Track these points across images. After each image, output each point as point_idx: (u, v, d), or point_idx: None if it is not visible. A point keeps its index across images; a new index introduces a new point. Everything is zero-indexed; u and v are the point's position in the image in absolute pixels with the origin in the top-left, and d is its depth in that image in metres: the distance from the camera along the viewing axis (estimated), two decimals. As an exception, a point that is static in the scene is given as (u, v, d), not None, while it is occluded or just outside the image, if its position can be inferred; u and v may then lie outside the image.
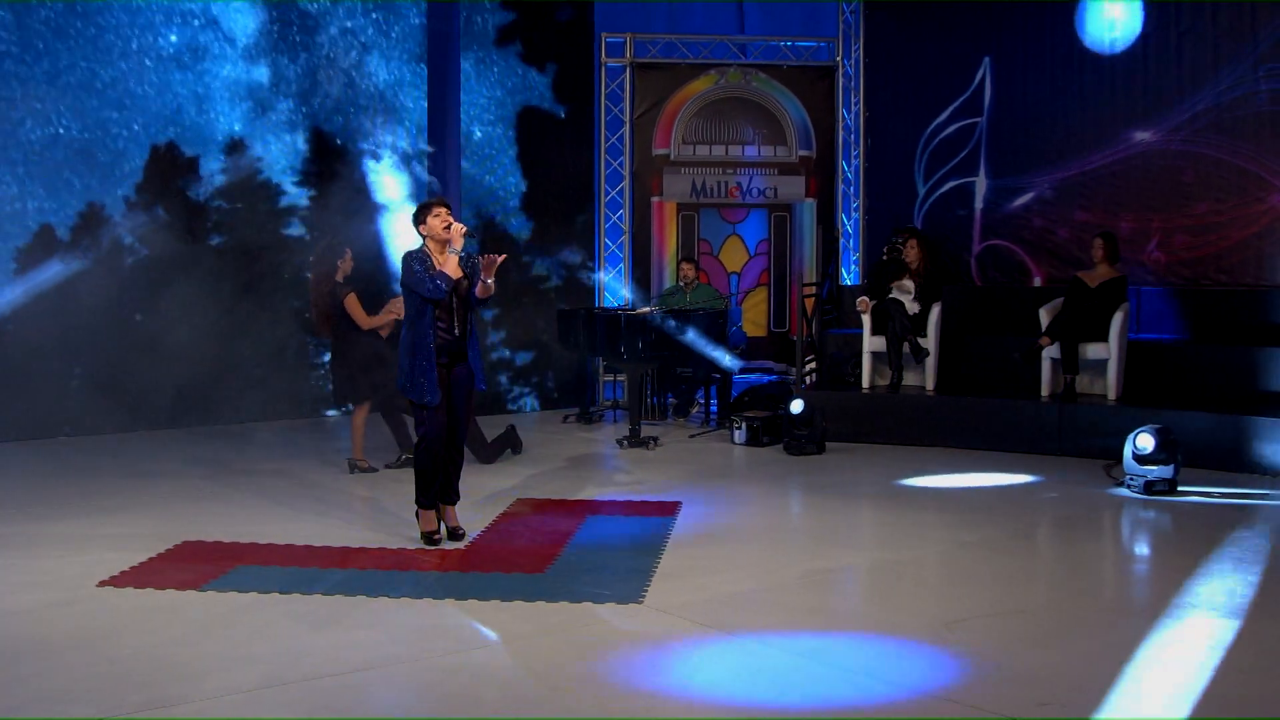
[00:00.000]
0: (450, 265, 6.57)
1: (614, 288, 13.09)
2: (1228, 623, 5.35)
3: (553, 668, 4.78)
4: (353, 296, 8.78)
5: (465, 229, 6.63)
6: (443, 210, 6.71)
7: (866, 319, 10.90)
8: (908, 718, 4.28)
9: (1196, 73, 10.72)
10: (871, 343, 10.91)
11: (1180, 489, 8.10)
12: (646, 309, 11.07)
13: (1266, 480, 8.49)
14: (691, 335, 10.31)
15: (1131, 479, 8.16)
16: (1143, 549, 7.20)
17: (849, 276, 13.12)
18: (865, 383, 10.95)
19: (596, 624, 5.34)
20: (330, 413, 11.85)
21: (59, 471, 9.12)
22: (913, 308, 10.74)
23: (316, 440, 10.55)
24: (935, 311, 10.76)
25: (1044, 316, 10.29)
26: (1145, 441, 8.05)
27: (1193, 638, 5.15)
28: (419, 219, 6.72)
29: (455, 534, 6.85)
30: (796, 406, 9.84)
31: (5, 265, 10.38)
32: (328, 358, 10.42)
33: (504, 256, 6.78)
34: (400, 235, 10.46)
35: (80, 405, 10.65)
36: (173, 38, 11.06)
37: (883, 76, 12.82)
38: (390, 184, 11.74)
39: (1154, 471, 8.06)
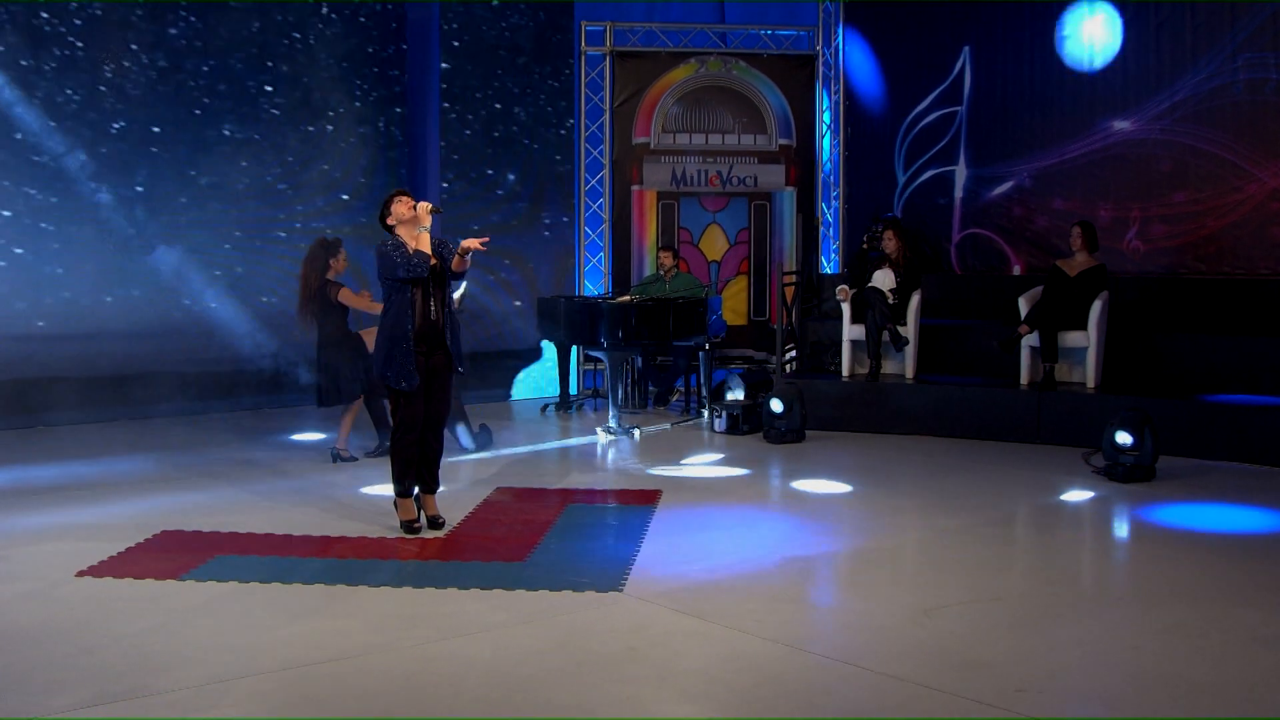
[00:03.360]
0: (424, 243, 6.57)
1: (594, 276, 13.09)
2: (1202, 609, 5.39)
3: (532, 656, 4.78)
4: (346, 290, 8.78)
5: (431, 205, 6.65)
6: (405, 196, 6.71)
7: (846, 307, 10.92)
8: (885, 717, 4.30)
9: (1175, 62, 10.77)
10: (851, 331, 10.92)
11: (1157, 476, 8.16)
12: (626, 297, 11.06)
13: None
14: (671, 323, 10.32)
15: (1109, 466, 8.21)
16: (1120, 536, 7.24)
17: (829, 265, 13.14)
18: (845, 371, 10.97)
19: (576, 612, 5.35)
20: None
21: (33, 461, 9.07)
22: (892, 298, 10.76)
23: (291, 429, 10.51)
24: (915, 300, 10.78)
25: (1023, 305, 10.32)
26: (1124, 438, 8.11)
27: (1166, 623, 5.19)
28: (384, 212, 6.72)
29: (435, 522, 6.85)
30: (777, 406, 9.83)
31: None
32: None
33: (487, 239, 6.84)
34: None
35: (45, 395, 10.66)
36: None
37: (863, 65, 12.83)
38: None
39: (1131, 459, 8.11)
